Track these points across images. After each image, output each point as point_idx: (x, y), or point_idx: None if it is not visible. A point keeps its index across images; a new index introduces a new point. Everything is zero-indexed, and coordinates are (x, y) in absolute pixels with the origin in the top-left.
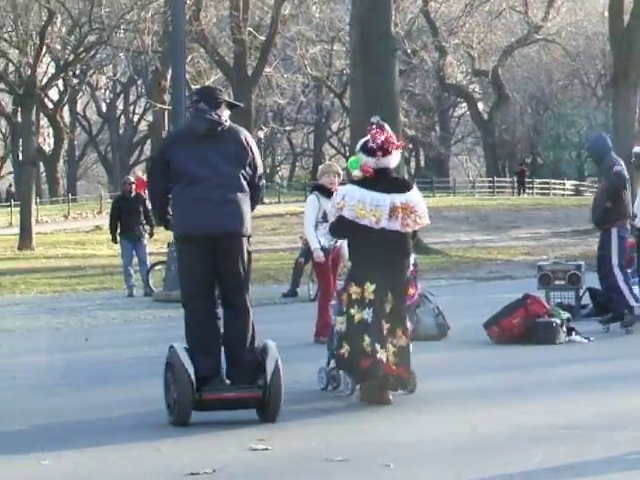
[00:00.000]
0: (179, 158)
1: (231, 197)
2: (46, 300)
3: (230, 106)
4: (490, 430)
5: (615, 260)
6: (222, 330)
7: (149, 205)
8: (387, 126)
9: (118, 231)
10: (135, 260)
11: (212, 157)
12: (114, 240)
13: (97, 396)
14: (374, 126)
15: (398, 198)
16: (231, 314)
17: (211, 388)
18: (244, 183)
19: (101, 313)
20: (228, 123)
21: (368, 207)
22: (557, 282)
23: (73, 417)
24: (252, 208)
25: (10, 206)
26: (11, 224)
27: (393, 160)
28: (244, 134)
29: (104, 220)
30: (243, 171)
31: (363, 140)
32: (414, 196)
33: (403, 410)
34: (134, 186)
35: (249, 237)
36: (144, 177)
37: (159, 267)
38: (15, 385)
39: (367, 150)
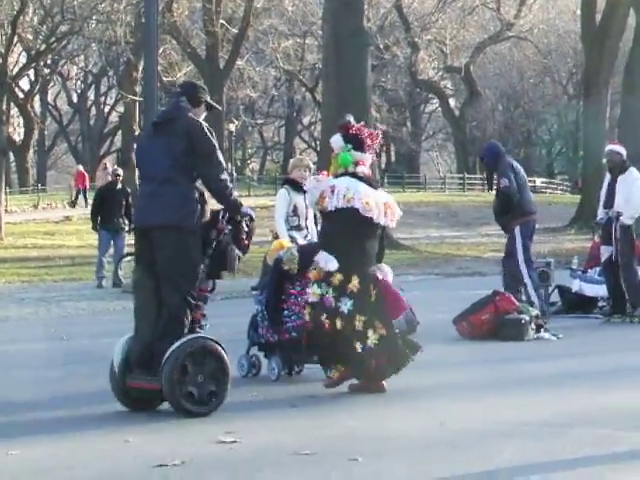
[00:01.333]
0: (135, 153)
1: (159, 190)
2: (14, 290)
3: (209, 107)
4: (458, 425)
5: (520, 257)
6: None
7: (131, 200)
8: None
9: (98, 220)
10: (110, 251)
11: (151, 151)
12: (94, 228)
13: (64, 387)
14: (353, 124)
15: (382, 195)
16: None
17: (133, 376)
18: (179, 175)
19: (70, 304)
20: (175, 114)
21: (373, 202)
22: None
23: (40, 407)
24: (219, 196)
25: None
26: None
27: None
28: (184, 124)
29: (74, 211)
30: (178, 163)
31: (341, 136)
32: (385, 193)
33: (372, 404)
34: (119, 178)
35: (190, 230)
36: (83, 171)
37: (129, 258)
38: (7, 376)
39: (363, 147)
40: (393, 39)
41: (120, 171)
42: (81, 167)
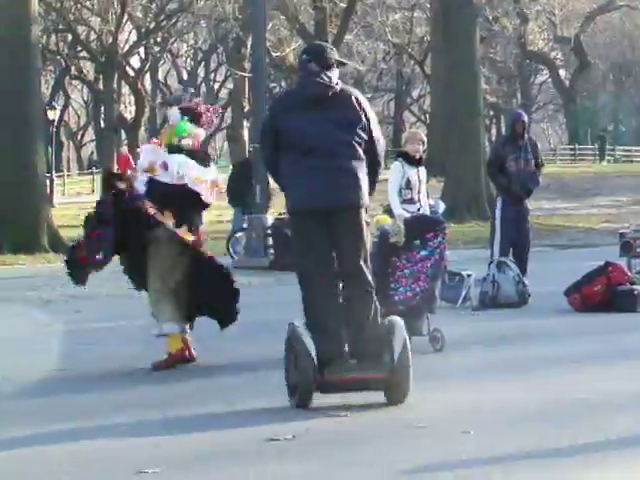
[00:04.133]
0: (289, 125)
1: (345, 166)
2: None
3: (340, 65)
4: (571, 397)
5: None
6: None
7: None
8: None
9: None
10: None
11: (323, 123)
12: (231, 203)
13: None
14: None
15: (211, 172)
16: (352, 290)
17: (333, 369)
18: (359, 150)
19: None
20: (339, 86)
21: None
22: (639, 250)
23: (153, 384)
24: (372, 177)
25: (92, 173)
26: (93, 191)
27: None
28: (356, 96)
29: None
30: (357, 137)
31: (178, 110)
32: (214, 171)
33: (483, 377)
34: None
35: (366, 208)
36: (126, 153)
37: (240, 234)
38: (91, 353)
39: (198, 121)
40: (502, 10)
41: (252, 148)
42: (125, 149)
